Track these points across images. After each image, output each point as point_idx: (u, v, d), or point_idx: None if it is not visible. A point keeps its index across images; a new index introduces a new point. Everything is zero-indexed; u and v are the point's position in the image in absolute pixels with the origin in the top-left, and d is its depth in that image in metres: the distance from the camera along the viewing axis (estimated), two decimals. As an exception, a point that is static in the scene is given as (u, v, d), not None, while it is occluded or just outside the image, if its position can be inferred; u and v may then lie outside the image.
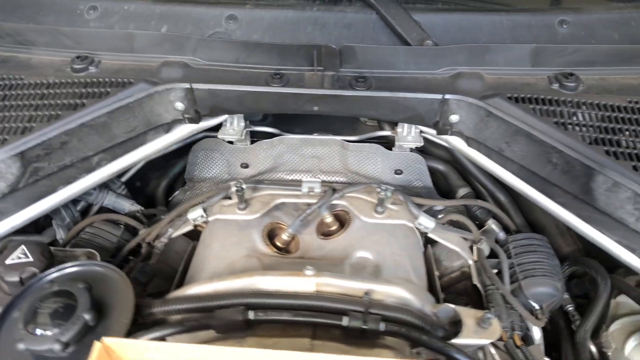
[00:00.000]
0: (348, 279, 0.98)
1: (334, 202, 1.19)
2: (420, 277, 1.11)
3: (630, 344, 1.05)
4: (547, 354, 1.08)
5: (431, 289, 1.11)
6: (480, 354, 1.00)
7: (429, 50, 1.18)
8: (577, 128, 1.07)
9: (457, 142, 1.20)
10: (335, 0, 1.31)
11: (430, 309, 0.98)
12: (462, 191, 1.38)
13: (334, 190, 1.19)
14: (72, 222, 1.27)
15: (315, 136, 1.40)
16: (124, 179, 1.42)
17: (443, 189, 1.45)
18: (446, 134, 1.18)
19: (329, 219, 1.17)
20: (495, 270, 1.15)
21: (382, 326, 0.89)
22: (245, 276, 0.98)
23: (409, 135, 1.30)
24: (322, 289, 0.96)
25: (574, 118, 1.08)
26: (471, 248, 1.19)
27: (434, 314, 0.98)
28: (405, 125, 1.29)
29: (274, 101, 1.16)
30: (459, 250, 1.17)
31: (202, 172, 1.43)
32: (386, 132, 1.38)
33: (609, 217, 1.01)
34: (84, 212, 1.34)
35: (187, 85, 1.15)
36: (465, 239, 1.21)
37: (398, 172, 1.40)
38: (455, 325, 0.97)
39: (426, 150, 1.41)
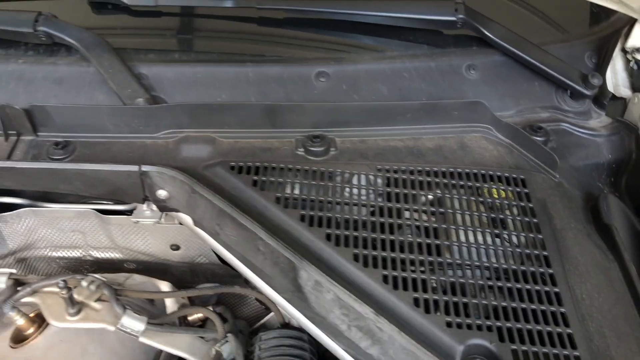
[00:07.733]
0: None
1: (26, 299, 0.95)
2: None
3: None
4: None
5: None
6: None
7: (140, 110, 0.96)
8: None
9: (186, 219, 0.97)
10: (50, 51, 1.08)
11: None
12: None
13: (20, 284, 0.95)
14: None
15: (68, 206, 1.16)
16: None
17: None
18: (165, 210, 0.96)
19: (20, 320, 0.93)
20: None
21: None
22: None
23: (147, 210, 1.07)
24: None
25: (295, 191, 0.88)
26: None
27: None
28: (145, 196, 1.06)
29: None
30: (187, 356, 0.94)
31: None
32: None
33: (324, 319, 0.79)
34: None
35: None
36: (203, 337, 0.98)
37: (174, 247, 1.17)
38: None
39: None
